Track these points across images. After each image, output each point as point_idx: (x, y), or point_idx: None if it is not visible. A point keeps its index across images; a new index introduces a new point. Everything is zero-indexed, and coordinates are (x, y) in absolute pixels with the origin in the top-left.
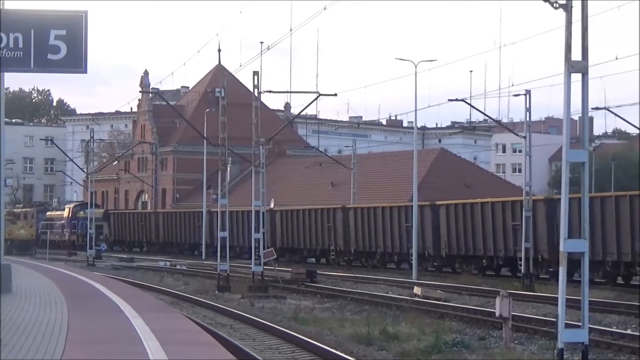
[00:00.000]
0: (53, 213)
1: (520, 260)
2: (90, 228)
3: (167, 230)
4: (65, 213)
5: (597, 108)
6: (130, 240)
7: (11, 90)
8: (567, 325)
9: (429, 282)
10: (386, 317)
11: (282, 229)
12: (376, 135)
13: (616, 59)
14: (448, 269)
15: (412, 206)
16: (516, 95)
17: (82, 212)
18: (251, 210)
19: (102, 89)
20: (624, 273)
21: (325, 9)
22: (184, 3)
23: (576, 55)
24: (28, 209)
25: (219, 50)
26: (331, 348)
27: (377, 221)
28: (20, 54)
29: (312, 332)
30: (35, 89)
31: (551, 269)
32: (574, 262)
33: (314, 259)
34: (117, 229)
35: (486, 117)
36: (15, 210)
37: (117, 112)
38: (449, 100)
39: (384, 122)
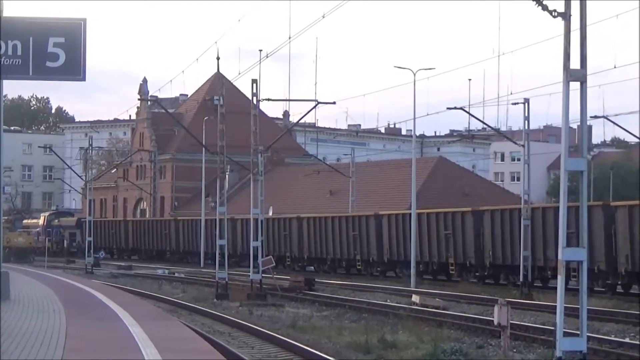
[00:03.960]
0: (29, 221)
1: (452, 265)
2: (89, 236)
3: (135, 237)
4: (41, 221)
5: (595, 116)
6: (102, 247)
7: (10, 98)
8: (566, 334)
9: (427, 291)
10: (384, 326)
11: (242, 236)
12: (375, 144)
13: (615, 67)
14: (392, 274)
15: (357, 216)
16: (515, 103)
17: (56, 221)
18: (249, 218)
19: (101, 96)
20: (537, 276)
21: (324, 17)
22: (182, 11)
23: (575, 64)
24: (5, 217)
25: (218, 58)
26: (329, 356)
27: (327, 230)
28: (19, 62)
29: (310, 341)
30: (34, 96)
31: (477, 274)
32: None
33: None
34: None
35: (485, 126)
36: None
37: (116, 120)
38: (448, 108)
39: (383, 130)
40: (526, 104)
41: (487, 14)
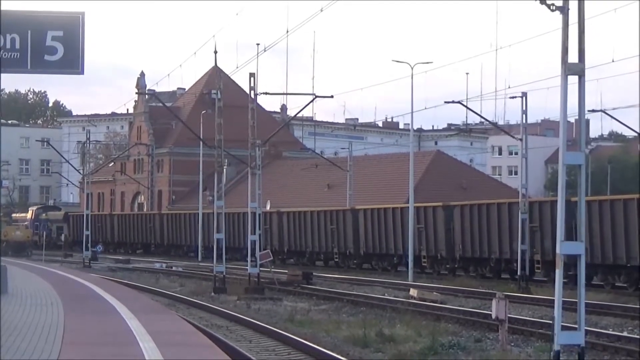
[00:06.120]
0: (18, 215)
1: (424, 258)
2: (86, 230)
3: (121, 230)
4: (29, 215)
5: (593, 110)
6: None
7: (7, 92)
8: (564, 328)
9: (425, 284)
10: (382, 319)
11: (229, 230)
12: (372, 137)
13: (613, 61)
14: (368, 265)
15: (335, 211)
16: (512, 97)
17: (44, 214)
18: (247, 212)
19: (99, 89)
20: (504, 268)
21: (322, 10)
22: (180, 4)
23: (573, 58)
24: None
25: (215, 52)
26: (327, 350)
27: (306, 224)
28: (17, 55)
29: (308, 334)
30: (32, 90)
31: (448, 266)
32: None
33: None
34: (76, 229)
35: (482, 120)
36: None
37: (113, 114)
38: (446, 102)
39: (380, 124)
40: (524, 98)
41: (485, 7)
